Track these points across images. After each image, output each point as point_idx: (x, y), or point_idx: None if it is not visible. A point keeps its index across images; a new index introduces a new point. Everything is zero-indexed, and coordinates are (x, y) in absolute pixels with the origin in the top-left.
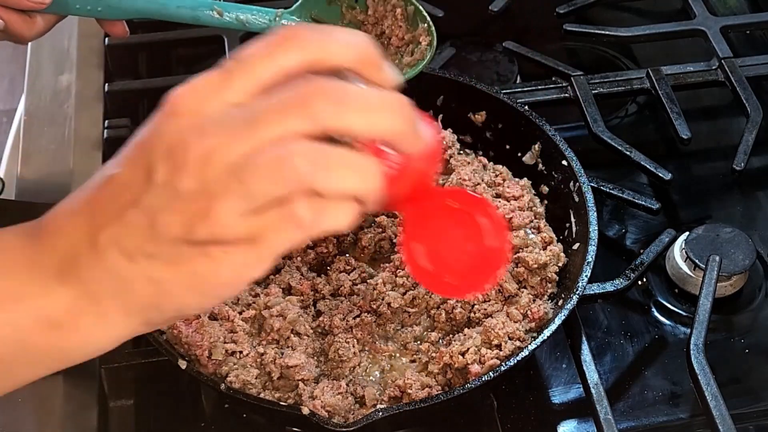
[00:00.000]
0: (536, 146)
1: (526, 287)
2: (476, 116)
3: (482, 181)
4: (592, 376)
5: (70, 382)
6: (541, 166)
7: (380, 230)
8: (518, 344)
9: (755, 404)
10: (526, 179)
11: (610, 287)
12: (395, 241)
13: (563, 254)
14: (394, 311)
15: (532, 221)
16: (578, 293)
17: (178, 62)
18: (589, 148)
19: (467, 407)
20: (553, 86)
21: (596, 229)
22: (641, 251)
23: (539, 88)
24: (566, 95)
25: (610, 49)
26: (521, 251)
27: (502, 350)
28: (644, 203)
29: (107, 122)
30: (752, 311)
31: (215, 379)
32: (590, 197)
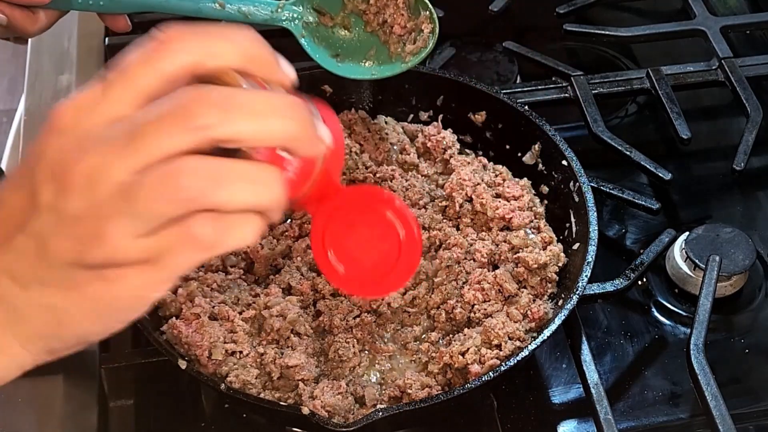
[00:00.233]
0: (536, 146)
1: (526, 287)
2: (476, 116)
3: (482, 181)
4: (592, 376)
5: (70, 382)
6: (541, 166)
7: None
8: (518, 344)
9: (755, 404)
10: (526, 179)
11: (610, 287)
12: None
13: (563, 254)
14: (394, 311)
15: (532, 221)
16: (578, 293)
17: None
18: (589, 148)
19: (467, 407)
20: (553, 86)
21: (596, 229)
22: (641, 251)
23: (539, 88)
24: (566, 95)
25: (610, 49)
26: (521, 251)
27: (502, 350)
28: (644, 203)
29: None
30: (752, 311)
31: (215, 379)
32: (590, 197)
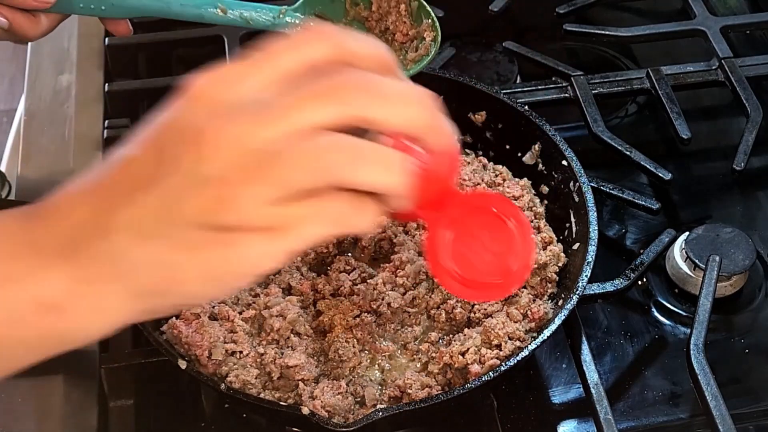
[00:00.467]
0: (536, 146)
1: (526, 287)
2: (476, 116)
3: (482, 181)
4: (592, 376)
5: (70, 382)
6: (541, 166)
7: (380, 230)
8: (518, 344)
9: (755, 404)
10: (526, 179)
11: (610, 287)
12: (395, 241)
13: (563, 254)
14: (394, 311)
15: (532, 221)
16: (578, 293)
17: (178, 62)
18: (589, 148)
19: (467, 407)
20: (553, 86)
21: (596, 229)
22: (641, 251)
23: (539, 88)
24: (566, 95)
25: (610, 49)
26: None
27: (502, 350)
28: (644, 203)
29: (107, 122)
30: (752, 311)
31: (215, 379)
32: (590, 197)
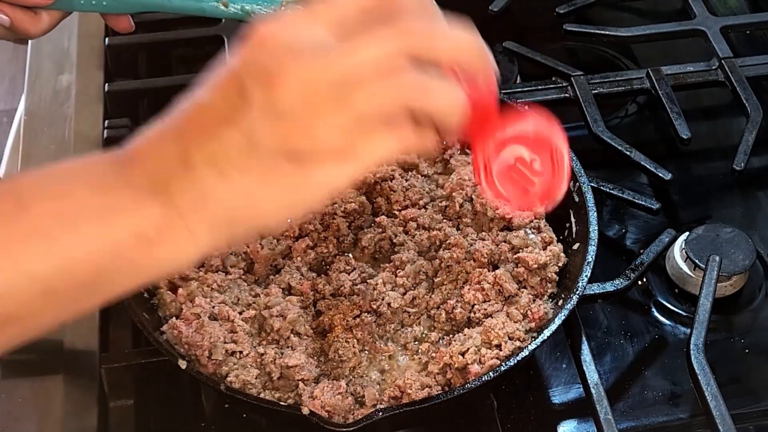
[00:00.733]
0: None
1: (526, 287)
2: None
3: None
4: (592, 376)
5: (70, 382)
6: None
7: (380, 230)
8: (518, 344)
9: (755, 404)
10: None
11: (610, 287)
12: (395, 241)
13: (563, 254)
14: (394, 311)
15: (532, 221)
16: (578, 293)
17: (178, 62)
18: (589, 148)
19: (467, 407)
20: (553, 86)
21: (596, 229)
22: (641, 251)
23: (539, 88)
24: (566, 95)
25: (610, 49)
26: (521, 251)
27: (502, 350)
28: (644, 203)
29: (107, 122)
30: (752, 311)
31: (215, 379)
32: (590, 197)
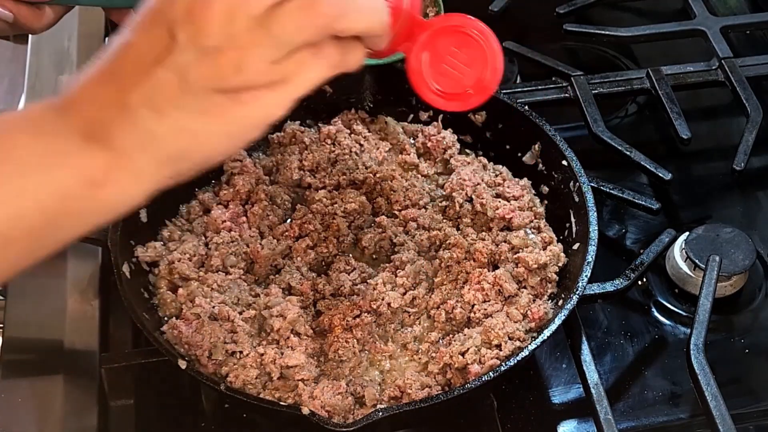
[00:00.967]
0: (536, 146)
1: (526, 287)
2: (476, 116)
3: (482, 181)
4: (592, 376)
5: (70, 382)
6: (541, 166)
7: (380, 230)
8: (518, 344)
9: (755, 404)
10: (526, 179)
11: (610, 287)
12: (395, 241)
13: (563, 254)
14: (394, 311)
15: (532, 221)
16: (578, 293)
17: None
18: (589, 148)
19: (467, 407)
20: (553, 86)
21: (596, 229)
22: (641, 251)
23: (539, 88)
24: (566, 95)
25: (610, 49)
26: (521, 251)
27: (502, 350)
28: (644, 203)
29: None
30: (752, 311)
31: (215, 379)
32: (590, 197)
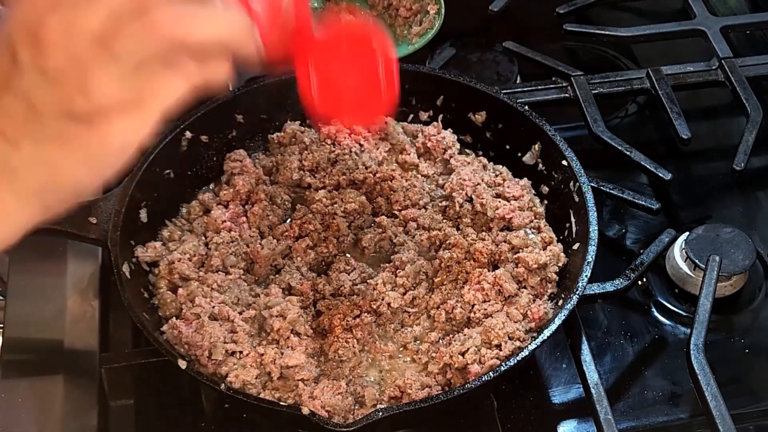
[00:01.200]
0: (536, 146)
1: (526, 287)
2: (476, 116)
3: (482, 181)
4: (592, 376)
5: (70, 382)
6: (541, 166)
7: (380, 230)
8: (518, 344)
9: (755, 404)
10: (526, 179)
11: (610, 287)
12: (395, 241)
13: (563, 254)
14: (394, 311)
15: (532, 221)
16: (578, 293)
17: None
18: (589, 148)
19: (467, 407)
20: (553, 86)
21: (596, 229)
22: (641, 251)
23: (539, 88)
24: (566, 95)
25: (610, 49)
26: (521, 251)
27: (502, 350)
28: (644, 203)
29: None
30: (752, 311)
31: (215, 379)
32: (590, 197)
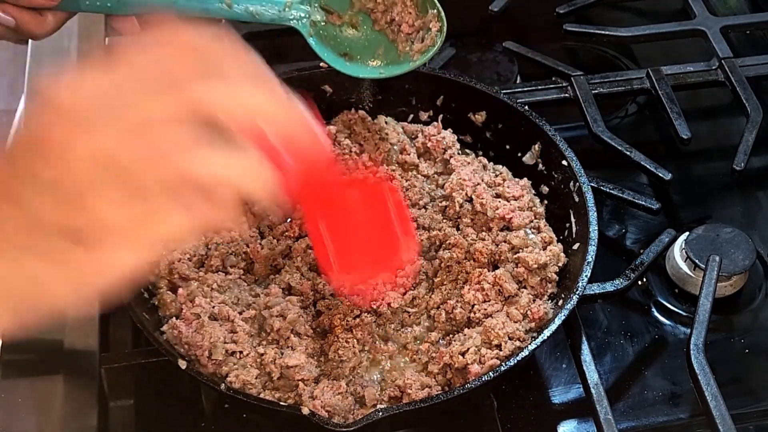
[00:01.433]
0: (536, 146)
1: (526, 287)
2: (476, 116)
3: (482, 181)
4: (592, 376)
5: (70, 382)
6: (541, 166)
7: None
8: (518, 344)
9: (755, 404)
10: (526, 179)
11: (610, 287)
12: None
13: (563, 254)
14: (394, 311)
15: (532, 221)
16: (578, 293)
17: None
18: (589, 148)
19: (467, 407)
20: (553, 86)
21: (596, 229)
22: (641, 251)
23: (539, 88)
24: (566, 95)
25: (610, 49)
26: (521, 251)
27: (502, 350)
28: (644, 203)
29: None
30: (752, 311)
31: (215, 379)
32: (590, 197)
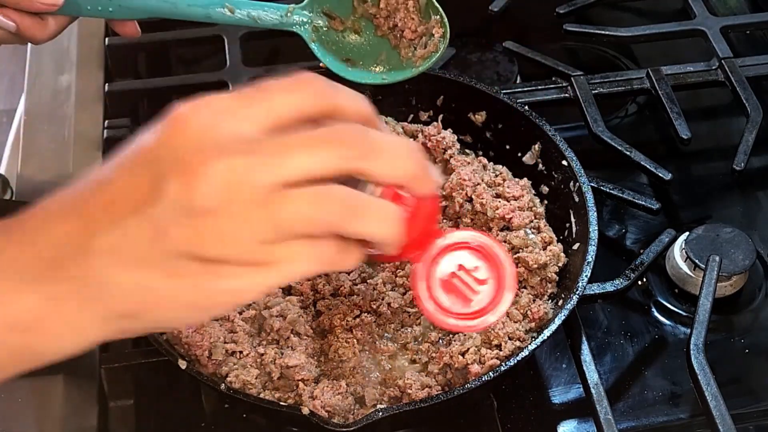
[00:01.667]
0: (536, 146)
1: (526, 287)
2: (476, 116)
3: (482, 181)
4: (592, 376)
5: (70, 382)
6: (541, 166)
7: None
8: (518, 344)
9: (755, 404)
10: (526, 179)
11: (610, 287)
12: None
13: (563, 254)
14: (394, 311)
15: (532, 221)
16: (578, 293)
17: (178, 62)
18: (589, 148)
19: (467, 407)
20: (553, 86)
21: (596, 229)
22: (641, 251)
23: (539, 88)
24: (566, 95)
25: (610, 49)
26: (521, 251)
27: (502, 350)
28: (644, 203)
29: (107, 122)
30: (752, 311)
31: (215, 379)
32: (590, 197)
